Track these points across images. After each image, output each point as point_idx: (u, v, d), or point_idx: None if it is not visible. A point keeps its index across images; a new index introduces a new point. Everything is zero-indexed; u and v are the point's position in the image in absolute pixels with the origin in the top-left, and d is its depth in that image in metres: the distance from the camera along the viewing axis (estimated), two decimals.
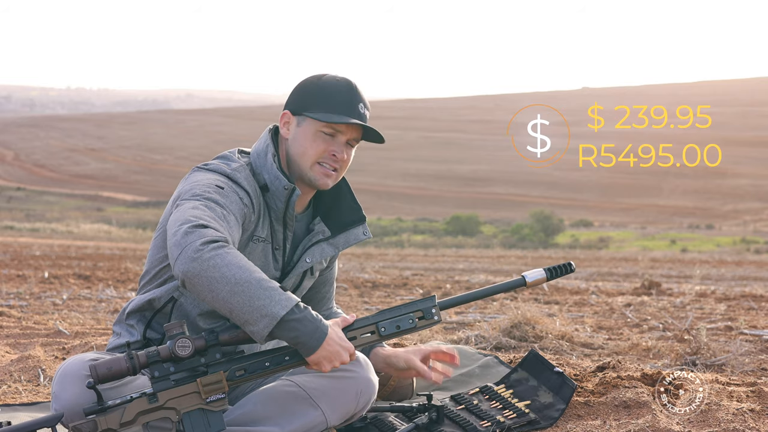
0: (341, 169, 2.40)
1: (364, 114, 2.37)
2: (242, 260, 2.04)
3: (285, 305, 2.02)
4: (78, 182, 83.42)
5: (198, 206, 2.13)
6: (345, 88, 2.36)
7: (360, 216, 2.52)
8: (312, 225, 2.48)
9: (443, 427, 2.51)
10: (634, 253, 27.12)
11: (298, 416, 2.24)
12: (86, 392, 2.11)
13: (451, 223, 47.61)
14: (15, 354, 3.95)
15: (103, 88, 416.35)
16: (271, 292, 2.02)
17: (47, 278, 8.68)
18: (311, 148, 2.35)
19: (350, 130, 2.36)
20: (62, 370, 2.17)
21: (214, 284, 2.00)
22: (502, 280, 9.64)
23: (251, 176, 2.34)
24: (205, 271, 2.00)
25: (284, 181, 2.32)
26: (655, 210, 64.69)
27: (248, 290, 2.00)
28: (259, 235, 2.35)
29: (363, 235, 2.52)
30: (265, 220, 2.37)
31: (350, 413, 2.32)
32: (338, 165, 2.37)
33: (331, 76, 2.38)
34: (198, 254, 2.00)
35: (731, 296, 7.38)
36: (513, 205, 66.24)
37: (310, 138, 2.35)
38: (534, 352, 2.98)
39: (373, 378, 2.35)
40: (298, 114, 2.37)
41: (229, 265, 2.00)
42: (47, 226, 41.81)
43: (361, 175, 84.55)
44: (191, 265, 2.00)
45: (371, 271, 12.00)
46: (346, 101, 2.34)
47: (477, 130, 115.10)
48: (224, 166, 2.32)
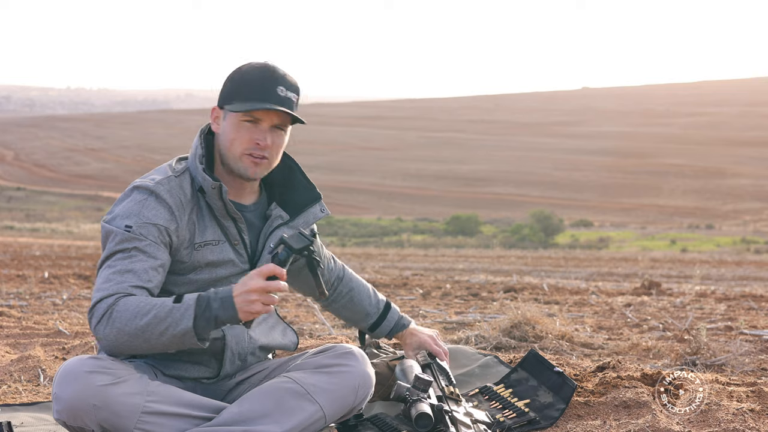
0: (272, 156, 2.37)
1: (286, 96, 2.33)
2: (129, 310, 2.13)
3: (187, 315, 2.11)
4: (78, 182, 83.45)
5: (102, 277, 2.23)
6: (261, 74, 2.33)
7: (315, 194, 2.52)
8: (269, 211, 2.49)
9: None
10: (634, 253, 27.14)
11: (296, 413, 2.24)
12: (86, 392, 2.12)
13: (451, 223, 47.64)
14: (15, 354, 3.95)
15: (103, 88, 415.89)
16: (168, 318, 2.11)
17: (47, 278, 8.68)
18: (236, 139, 2.33)
19: (270, 115, 2.33)
20: (62, 371, 2.17)
21: (133, 342, 2.15)
22: (502, 280, 9.62)
23: (181, 184, 2.35)
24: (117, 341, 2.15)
25: (210, 181, 2.32)
26: (655, 210, 64.70)
27: (155, 330, 2.11)
28: (201, 240, 2.35)
29: (321, 213, 2.53)
30: (210, 222, 2.37)
31: (348, 408, 2.33)
32: (265, 153, 2.34)
33: (250, 65, 2.37)
34: (100, 335, 2.16)
35: (731, 296, 7.38)
36: (513, 205, 66.26)
37: (234, 129, 2.33)
38: (534, 352, 2.98)
39: (370, 371, 2.36)
40: (222, 108, 2.37)
41: (128, 323, 2.12)
42: (47, 226, 41.82)
43: (361, 175, 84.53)
44: (106, 346, 2.18)
45: (371, 271, 12.00)
46: (262, 87, 2.32)
47: (477, 130, 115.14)
48: (149, 181, 2.34)
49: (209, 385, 2.44)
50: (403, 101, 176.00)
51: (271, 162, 2.38)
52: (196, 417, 2.24)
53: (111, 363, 2.19)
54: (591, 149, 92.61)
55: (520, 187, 76.09)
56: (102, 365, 2.16)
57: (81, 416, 2.12)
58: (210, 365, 2.42)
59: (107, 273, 2.22)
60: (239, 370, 2.47)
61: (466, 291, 8.07)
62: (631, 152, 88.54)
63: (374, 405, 2.70)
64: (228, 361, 2.42)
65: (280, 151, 2.39)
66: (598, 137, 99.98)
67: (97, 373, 2.14)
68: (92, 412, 2.12)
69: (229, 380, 2.46)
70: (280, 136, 2.37)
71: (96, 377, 2.13)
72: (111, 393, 2.13)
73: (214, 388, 2.45)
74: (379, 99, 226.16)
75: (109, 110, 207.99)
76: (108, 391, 2.13)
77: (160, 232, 2.27)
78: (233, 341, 2.41)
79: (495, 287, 8.47)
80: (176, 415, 2.21)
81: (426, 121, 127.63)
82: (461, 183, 78.49)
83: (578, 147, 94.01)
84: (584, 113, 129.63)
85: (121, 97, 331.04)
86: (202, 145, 2.39)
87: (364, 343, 2.94)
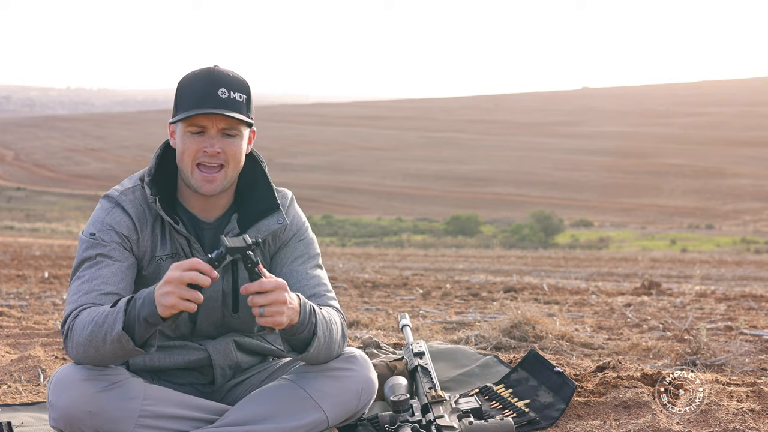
0: (229, 165, 2.24)
1: (229, 98, 2.20)
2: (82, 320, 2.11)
3: (119, 318, 2.04)
4: (78, 182, 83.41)
5: (72, 289, 2.22)
6: (199, 80, 2.22)
7: (271, 204, 2.36)
8: (229, 225, 2.34)
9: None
10: (634, 253, 27.12)
11: (300, 416, 2.24)
12: (81, 399, 2.11)
13: (451, 223, 47.61)
14: (15, 354, 3.95)
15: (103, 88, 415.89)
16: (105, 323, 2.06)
17: (47, 278, 8.68)
18: (184, 151, 2.23)
19: (213, 120, 2.20)
20: (56, 378, 2.16)
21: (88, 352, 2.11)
22: (502, 280, 9.62)
23: (145, 195, 2.29)
24: (77, 354, 2.14)
25: (148, 193, 2.27)
26: (655, 210, 64.65)
27: (98, 336, 2.07)
28: (161, 253, 2.31)
29: (277, 224, 2.34)
30: (171, 235, 2.32)
31: (351, 412, 2.32)
32: (216, 160, 2.22)
33: (192, 72, 2.26)
34: (66, 350, 2.17)
35: (731, 296, 7.37)
36: (513, 205, 66.21)
37: (181, 141, 2.23)
38: (534, 352, 2.98)
39: (372, 377, 2.35)
40: (173, 122, 2.27)
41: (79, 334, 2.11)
42: (47, 226, 41.81)
43: (361, 175, 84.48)
44: (72, 356, 2.17)
45: (371, 271, 12.00)
46: (200, 92, 2.19)
47: (477, 130, 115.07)
48: (115, 191, 2.31)
49: (206, 391, 2.43)
50: (403, 101, 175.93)
51: (228, 171, 2.26)
52: (196, 419, 2.24)
53: (105, 368, 2.17)
54: (591, 149, 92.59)
55: (520, 187, 76.04)
56: (96, 371, 2.15)
57: (77, 423, 2.11)
58: (204, 372, 2.41)
59: (76, 285, 2.21)
60: (233, 378, 2.45)
61: (466, 291, 8.06)
62: (631, 152, 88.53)
63: (374, 405, 2.70)
64: (219, 375, 2.41)
65: (236, 157, 2.26)
66: (598, 137, 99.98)
67: (91, 380, 2.13)
68: (88, 419, 2.11)
69: (225, 384, 2.45)
70: (232, 141, 2.24)
71: (90, 384, 2.12)
72: (106, 399, 2.12)
73: (212, 392, 2.44)
74: (379, 99, 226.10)
75: (109, 110, 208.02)
76: (103, 396, 2.12)
77: (122, 239, 2.26)
78: (219, 357, 2.39)
79: (495, 287, 8.47)
80: (175, 417, 2.20)
81: (426, 121, 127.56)
82: (461, 183, 78.44)
83: (578, 147, 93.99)
84: (584, 113, 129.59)
85: (121, 97, 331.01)
86: (157, 157, 2.33)
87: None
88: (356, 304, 6.69)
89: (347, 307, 6.46)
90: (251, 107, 2.29)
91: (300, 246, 2.41)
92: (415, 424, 2.38)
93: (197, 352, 2.37)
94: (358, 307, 6.44)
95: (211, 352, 2.37)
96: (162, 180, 2.31)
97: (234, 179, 2.31)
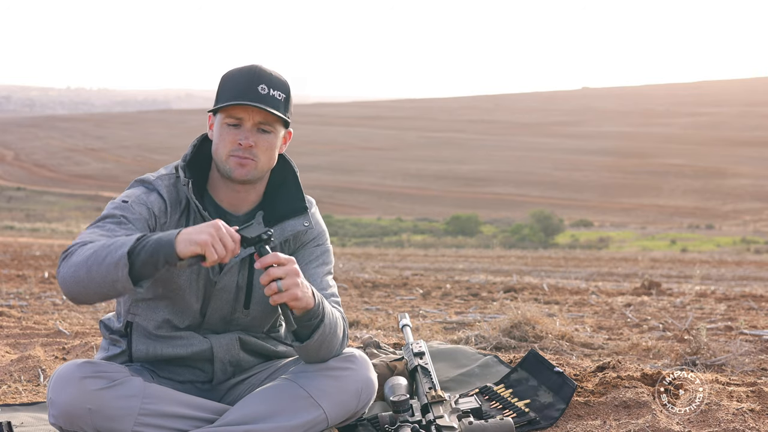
0: (259, 158, 2.29)
1: (268, 94, 2.26)
2: (87, 247, 2.06)
3: (127, 242, 2.01)
4: (78, 182, 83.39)
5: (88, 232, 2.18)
6: (241, 75, 2.28)
7: (298, 206, 2.39)
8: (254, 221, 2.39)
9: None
10: (634, 253, 27.12)
11: (300, 416, 2.24)
12: (81, 397, 2.11)
13: (451, 223, 47.61)
14: (15, 354, 3.95)
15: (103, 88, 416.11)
16: (112, 245, 2.02)
17: (47, 278, 8.68)
18: (220, 141, 2.29)
19: (250, 113, 2.26)
20: (56, 376, 2.17)
21: (78, 273, 2.04)
22: (502, 280, 9.62)
23: (178, 184, 2.33)
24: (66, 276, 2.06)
25: (183, 178, 2.30)
26: (655, 210, 64.64)
27: (96, 257, 2.02)
28: None
29: (302, 226, 2.38)
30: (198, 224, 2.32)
31: (351, 412, 2.32)
32: (249, 153, 2.27)
33: (236, 67, 2.32)
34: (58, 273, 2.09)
35: (731, 296, 7.37)
36: (513, 205, 66.20)
37: (218, 132, 2.30)
38: (534, 352, 2.98)
39: (372, 377, 2.36)
40: (212, 113, 2.34)
41: (79, 254, 2.05)
42: (47, 226, 41.82)
43: (361, 175, 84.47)
44: (60, 277, 2.08)
45: (371, 271, 12.00)
46: (241, 86, 2.26)
47: (477, 130, 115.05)
48: (151, 174, 2.34)
49: (204, 389, 2.43)
50: (403, 101, 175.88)
51: (260, 164, 2.29)
52: (196, 418, 2.24)
53: (105, 366, 2.18)
54: (591, 149, 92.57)
55: (520, 187, 76.02)
56: (96, 369, 2.16)
57: (76, 421, 2.12)
58: (204, 369, 2.42)
59: (92, 228, 2.20)
60: (233, 376, 2.45)
61: (466, 291, 8.07)
62: (631, 152, 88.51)
63: (374, 405, 2.70)
64: (219, 370, 2.41)
65: (269, 152, 2.31)
66: (598, 137, 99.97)
67: (91, 378, 2.14)
68: (87, 417, 2.11)
69: (225, 382, 2.45)
70: (266, 136, 2.29)
71: (90, 381, 2.13)
72: (106, 397, 2.13)
73: (211, 390, 2.44)
74: (379, 99, 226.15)
75: (109, 110, 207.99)
76: (103, 394, 2.13)
77: (151, 216, 2.27)
78: (221, 350, 2.39)
79: (495, 287, 8.47)
80: (175, 416, 2.20)
81: (426, 121, 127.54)
82: (461, 183, 78.42)
83: (578, 147, 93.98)
84: (584, 113, 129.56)
85: (121, 97, 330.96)
86: (193, 146, 2.37)
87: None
88: (356, 304, 6.69)
89: (347, 307, 6.46)
90: (290, 108, 2.34)
91: (317, 251, 2.45)
92: (415, 424, 2.38)
93: (200, 343, 2.37)
94: (358, 307, 6.44)
95: (214, 345, 2.38)
96: (196, 169, 2.36)
97: (264, 174, 2.35)
